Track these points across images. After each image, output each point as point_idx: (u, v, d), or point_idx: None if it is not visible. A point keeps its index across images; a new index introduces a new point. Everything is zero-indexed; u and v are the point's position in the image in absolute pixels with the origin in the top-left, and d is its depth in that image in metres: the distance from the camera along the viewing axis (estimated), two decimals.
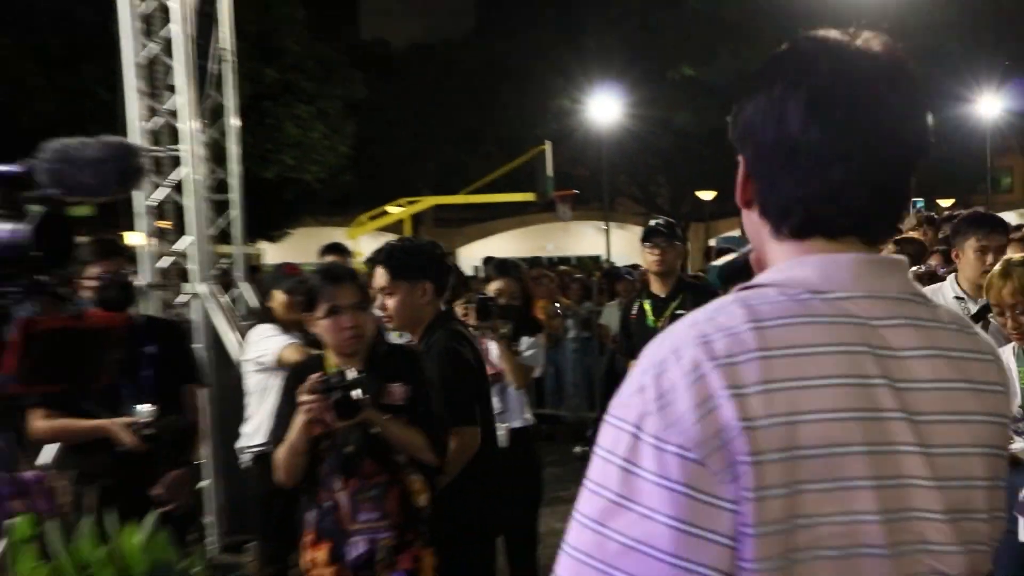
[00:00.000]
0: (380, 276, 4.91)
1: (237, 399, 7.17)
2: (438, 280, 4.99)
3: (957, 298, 5.80)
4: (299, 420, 4.11)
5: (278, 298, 6.61)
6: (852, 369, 1.47)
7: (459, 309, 6.06)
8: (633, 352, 6.24)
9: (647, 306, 6.95)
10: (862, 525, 1.44)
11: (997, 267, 5.26)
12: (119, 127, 8.77)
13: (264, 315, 6.78)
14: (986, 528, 1.57)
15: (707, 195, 36.62)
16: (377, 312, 4.93)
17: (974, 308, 5.63)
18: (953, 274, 6.02)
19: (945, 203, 33.24)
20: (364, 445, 4.16)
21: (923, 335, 1.56)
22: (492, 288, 6.62)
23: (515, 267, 7.18)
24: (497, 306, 6.12)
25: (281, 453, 4.24)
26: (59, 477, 2.94)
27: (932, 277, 7.19)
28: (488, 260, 17.24)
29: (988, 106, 33.11)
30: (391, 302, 4.86)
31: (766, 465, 1.41)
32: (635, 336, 6.82)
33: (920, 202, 21.04)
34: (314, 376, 4.11)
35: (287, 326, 6.45)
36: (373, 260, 5.09)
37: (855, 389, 1.46)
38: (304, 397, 4.06)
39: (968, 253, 5.84)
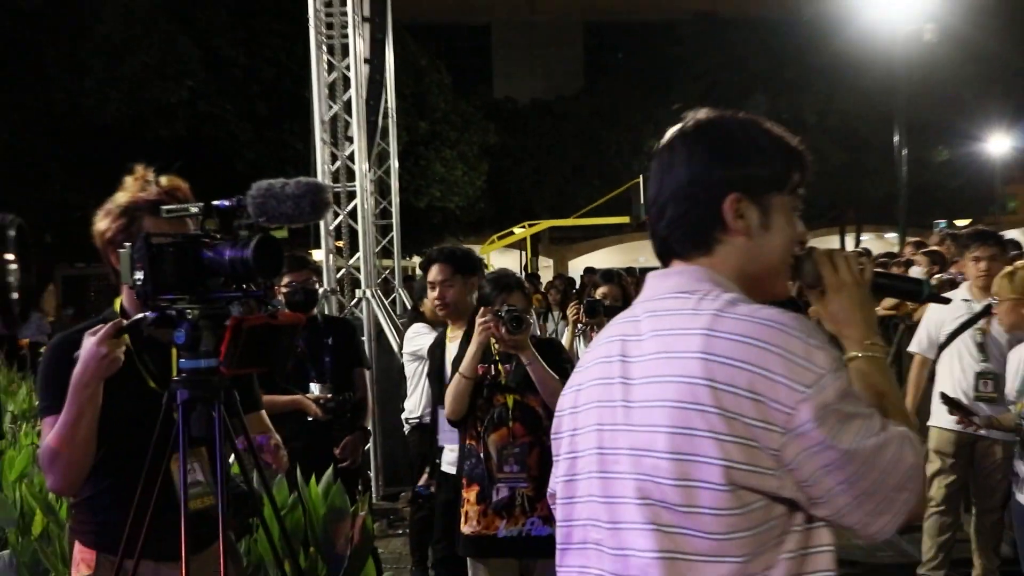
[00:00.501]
0: (440, 271, 4.81)
1: (393, 380, 7.25)
2: (481, 278, 4.89)
3: (964, 300, 5.65)
4: (475, 339, 4.08)
5: (427, 303, 6.65)
6: (608, 352, 1.73)
7: (571, 309, 6.03)
8: None
9: None
10: (588, 456, 1.73)
11: (1007, 269, 5.14)
12: (310, 170, 8.95)
13: (417, 316, 6.82)
14: (665, 464, 1.58)
15: None
16: (435, 301, 4.88)
17: (978, 307, 5.53)
18: (967, 282, 5.89)
19: (962, 223, 32.19)
20: (524, 384, 4.08)
21: (657, 321, 1.67)
22: (599, 292, 6.50)
23: (618, 275, 6.96)
24: (604, 306, 6.00)
25: (453, 383, 4.19)
26: (276, 439, 3.01)
27: (951, 284, 6.99)
28: (589, 270, 17.11)
29: (997, 144, 31.96)
30: (450, 293, 4.78)
31: (564, 417, 1.83)
32: None
33: (943, 223, 20.45)
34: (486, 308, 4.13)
35: (435, 324, 6.49)
36: (431, 258, 5.00)
37: (603, 365, 1.72)
38: (481, 319, 4.06)
39: (968, 263, 5.73)
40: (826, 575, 1.60)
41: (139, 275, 2.40)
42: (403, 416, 6.55)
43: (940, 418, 5.56)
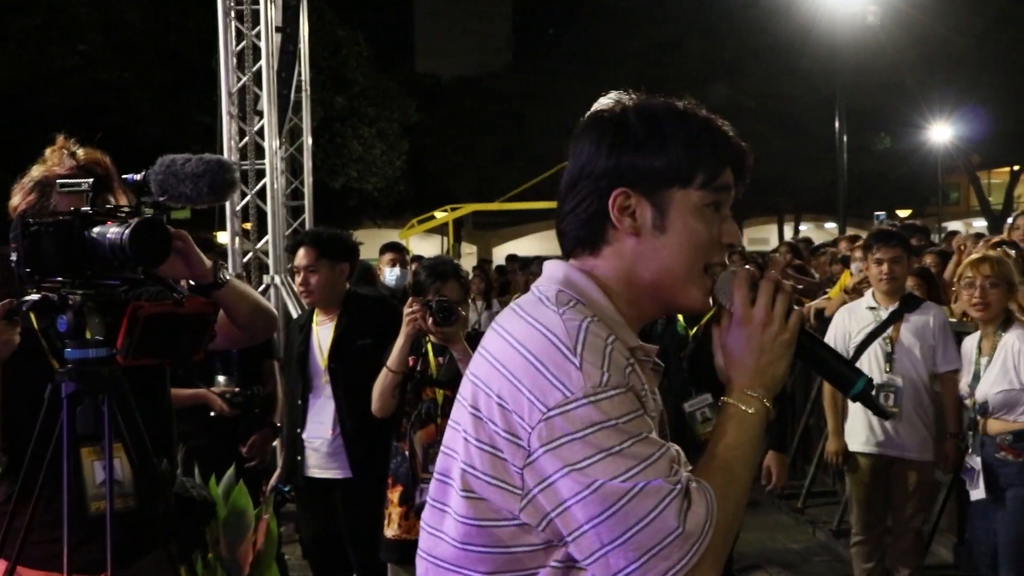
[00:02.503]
0: (304, 255, 4.70)
1: None
2: (353, 263, 4.89)
3: (870, 308, 5.54)
4: (403, 333, 4.06)
5: None
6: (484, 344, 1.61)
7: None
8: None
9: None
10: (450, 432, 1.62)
11: (975, 254, 5.10)
12: (217, 145, 8.83)
13: None
14: (440, 459, 1.61)
15: None
16: (299, 287, 4.80)
17: (885, 314, 5.44)
18: (869, 288, 5.76)
19: (903, 213, 32.98)
20: (455, 379, 4.00)
21: (505, 316, 1.61)
22: (523, 280, 6.45)
23: (540, 264, 6.98)
24: None
25: (380, 378, 4.16)
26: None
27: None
28: (512, 258, 17.13)
29: (940, 133, 32.80)
30: (315, 279, 4.68)
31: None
32: (664, 341, 4.76)
33: (882, 214, 20.88)
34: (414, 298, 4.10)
35: None
36: (297, 242, 4.90)
37: (477, 357, 1.60)
38: (409, 310, 4.04)
39: (870, 266, 5.57)
40: None
41: (14, 256, 2.35)
42: None
43: (854, 441, 5.53)
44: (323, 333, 4.76)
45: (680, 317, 4.67)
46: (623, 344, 1.52)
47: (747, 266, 1.61)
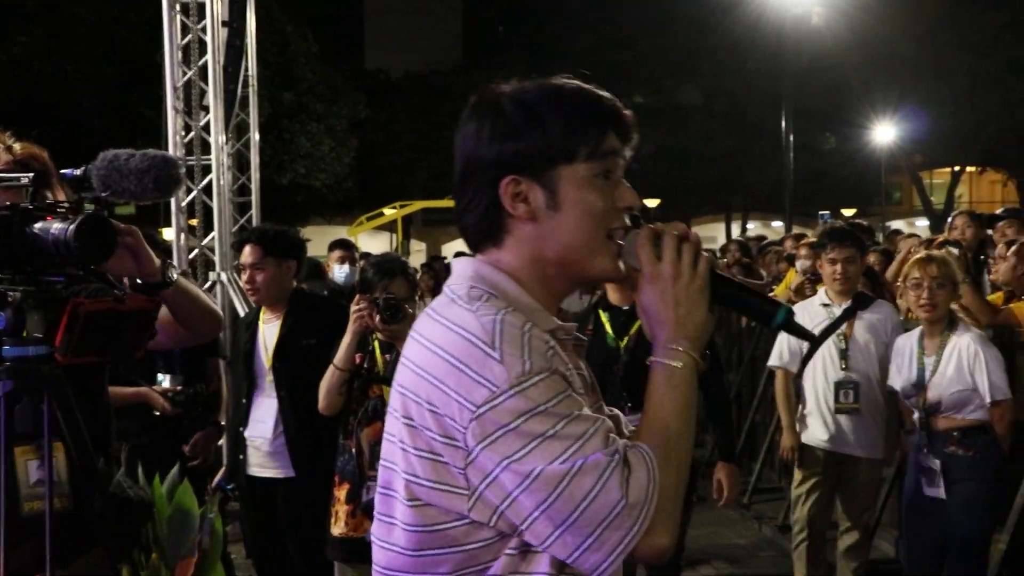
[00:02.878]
0: (250, 252, 4.65)
1: None
2: (300, 260, 4.87)
3: (824, 304, 5.56)
4: (350, 331, 4.05)
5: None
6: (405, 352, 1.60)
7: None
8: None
9: (604, 319, 4.66)
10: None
11: (922, 254, 5.13)
12: (162, 140, 8.73)
13: None
14: (380, 470, 1.62)
15: (652, 202, 36.64)
16: (245, 285, 4.77)
17: (839, 311, 5.48)
18: (822, 285, 5.76)
19: (848, 212, 33.39)
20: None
21: (421, 322, 1.60)
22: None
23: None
24: None
25: (327, 375, 4.15)
26: None
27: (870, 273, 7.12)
28: (461, 255, 16.97)
29: (883, 133, 33.23)
30: (261, 277, 4.64)
31: None
32: (592, 356, 4.19)
33: (827, 214, 21.10)
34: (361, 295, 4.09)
35: None
36: (243, 239, 4.86)
37: (401, 367, 1.59)
38: (355, 307, 4.03)
39: (824, 265, 5.58)
40: None
41: None
42: None
43: (807, 436, 5.55)
44: (269, 331, 4.73)
45: (609, 330, 4.60)
46: (541, 329, 1.52)
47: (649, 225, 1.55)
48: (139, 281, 2.61)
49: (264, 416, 4.67)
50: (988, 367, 4.72)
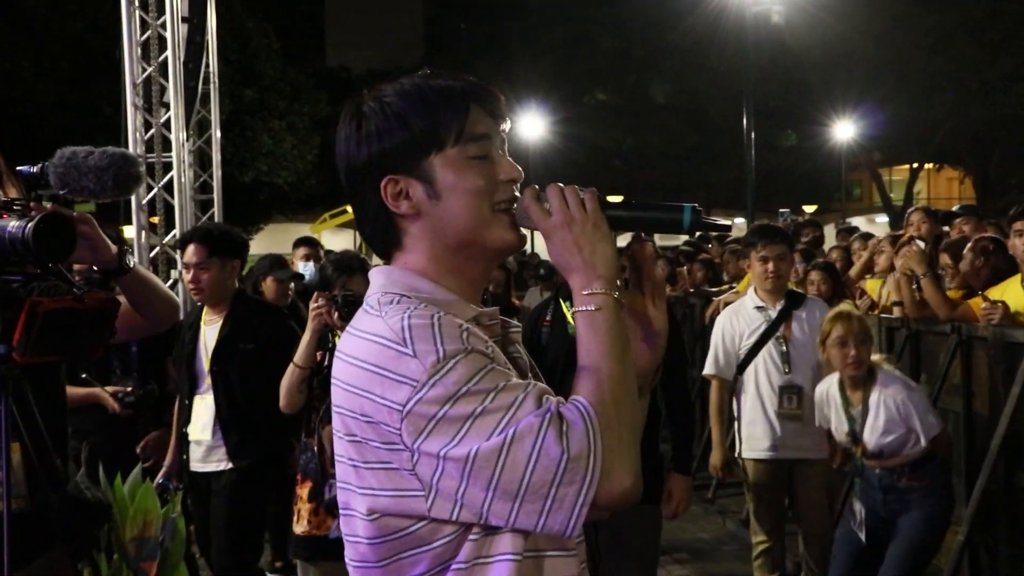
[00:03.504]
0: (194, 252, 4.63)
1: None
2: (243, 260, 4.88)
3: (758, 307, 5.46)
4: (309, 328, 4.06)
5: (268, 284, 6.57)
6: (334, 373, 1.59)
7: None
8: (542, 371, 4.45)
9: (565, 308, 4.40)
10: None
11: (837, 310, 5.10)
12: (121, 137, 8.65)
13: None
14: (339, 492, 1.61)
15: (615, 198, 36.65)
16: (188, 285, 4.74)
17: (774, 315, 5.39)
18: (754, 286, 5.63)
19: (809, 209, 33.68)
20: None
21: (343, 340, 1.59)
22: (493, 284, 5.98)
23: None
24: (489, 294, 5.63)
25: (288, 374, 4.14)
26: None
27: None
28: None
29: (843, 131, 33.56)
30: (205, 277, 4.61)
31: None
32: (550, 348, 4.38)
33: (787, 211, 21.20)
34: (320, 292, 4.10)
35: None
36: (186, 238, 4.85)
37: (334, 388, 1.57)
38: (315, 304, 4.03)
39: (754, 263, 5.47)
40: None
41: None
42: None
43: (755, 448, 5.44)
44: (210, 333, 4.73)
45: (570, 319, 4.28)
46: (454, 316, 1.53)
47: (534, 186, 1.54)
48: (95, 268, 2.59)
49: (204, 416, 4.68)
50: (918, 411, 4.74)
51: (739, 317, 5.53)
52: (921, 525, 4.78)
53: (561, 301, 4.44)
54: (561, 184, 1.62)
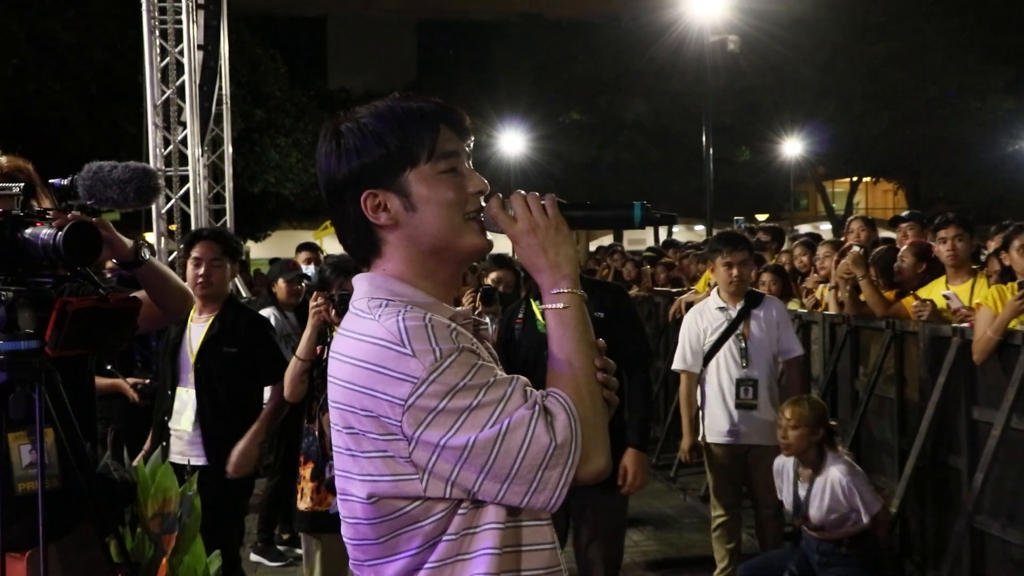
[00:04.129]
0: (210, 248, 4.50)
1: None
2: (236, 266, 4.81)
3: (720, 308, 5.48)
4: (310, 324, 4.05)
5: (280, 285, 6.60)
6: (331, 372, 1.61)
7: (467, 297, 5.23)
8: (517, 363, 4.19)
9: (536, 308, 4.32)
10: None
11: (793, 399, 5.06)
12: (143, 153, 8.64)
13: (270, 298, 6.70)
14: (337, 477, 1.62)
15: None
16: (198, 279, 4.53)
17: (734, 314, 5.41)
18: (717, 288, 5.64)
19: (761, 217, 33.76)
20: None
21: (337, 342, 1.60)
22: (491, 278, 5.84)
23: (512, 259, 5.97)
24: (500, 294, 5.43)
25: (291, 366, 4.13)
26: None
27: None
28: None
29: (791, 147, 33.62)
30: (216, 273, 4.50)
31: None
32: (521, 345, 4.35)
33: (741, 219, 21.26)
34: (319, 292, 4.10)
35: (286, 307, 6.43)
36: (199, 235, 4.71)
37: (331, 386, 1.60)
38: (314, 303, 4.03)
39: (719, 268, 5.48)
40: (488, 552, 1.53)
41: None
42: None
43: (714, 433, 5.47)
44: (196, 330, 4.55)
45: (540, 317, 4.21)
46: (440, 317, 1.54)
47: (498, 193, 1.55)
48: (113, 262, 2.59)
49: (185, 408, 4.53)
50: (859, 491, 4.79)
51: (703, 316, 5.57)
52: None
53: (532, 301, 4.41)
54: (523, 192, 1.63)
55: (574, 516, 4.25)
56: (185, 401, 4.56)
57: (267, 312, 6.36)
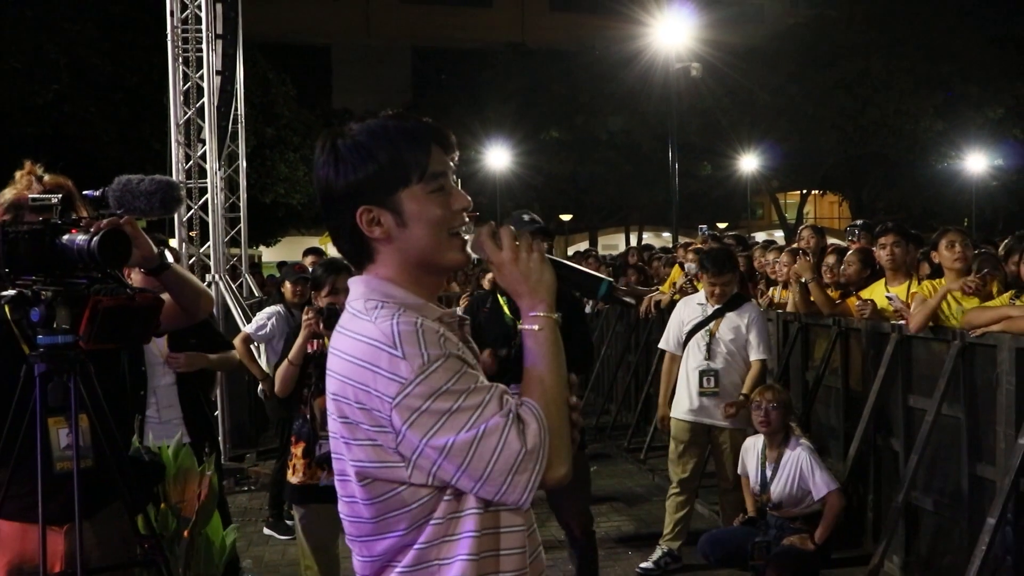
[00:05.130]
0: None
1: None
2: None
3: (699, 304, 5.60)
4: (301, 334, 4.09)
5: (287, 287, 6.60)
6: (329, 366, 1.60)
7: (464, 300, 5.22)
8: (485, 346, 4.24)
9: (502, 301, 4.47)
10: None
11: (764, 387, 5.19)
12: (167, 167, 8.64)
13: (280, 298, 6.73)
14: (334, 459, 1.62)
15: (566, 217, 36.79)
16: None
17: (709, 312, 5.51)
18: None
19: (722, 225, 33.85)
20: None
21: (335, 339, 1.60)
22: (489, 279, 5.79)
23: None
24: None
25: (282, 368, 4.16)
26: None
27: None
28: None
29: (747, 163, 33.71)
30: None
31: None
32: (487, 331, 4.39)
33: (705, 227, 21.29)
34: (308, 307, 4.16)
35: (293, 306, 6.44)
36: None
37: (329, 378, 1.59)
38: (305, 317, 4.08)
39: (705, 285, 5.61)
40: (470, 535, 1.53)
41: None
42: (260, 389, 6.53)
43: (678, 410, 5.54)
44: None
45: (506, 310, 4.41)
46: (430, 319, 1.54)
47: (489, 223, 1.55)
48: (140, 269, 2.59)
49: (168, 400, 4.71)
50: (815, 471, 4.93)
51: (687, 308, 5.71)
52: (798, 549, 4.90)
53: (499, 295, 4.48)
54: (513, 227, 1.63)
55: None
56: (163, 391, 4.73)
57: (275, 310, 6.41)
